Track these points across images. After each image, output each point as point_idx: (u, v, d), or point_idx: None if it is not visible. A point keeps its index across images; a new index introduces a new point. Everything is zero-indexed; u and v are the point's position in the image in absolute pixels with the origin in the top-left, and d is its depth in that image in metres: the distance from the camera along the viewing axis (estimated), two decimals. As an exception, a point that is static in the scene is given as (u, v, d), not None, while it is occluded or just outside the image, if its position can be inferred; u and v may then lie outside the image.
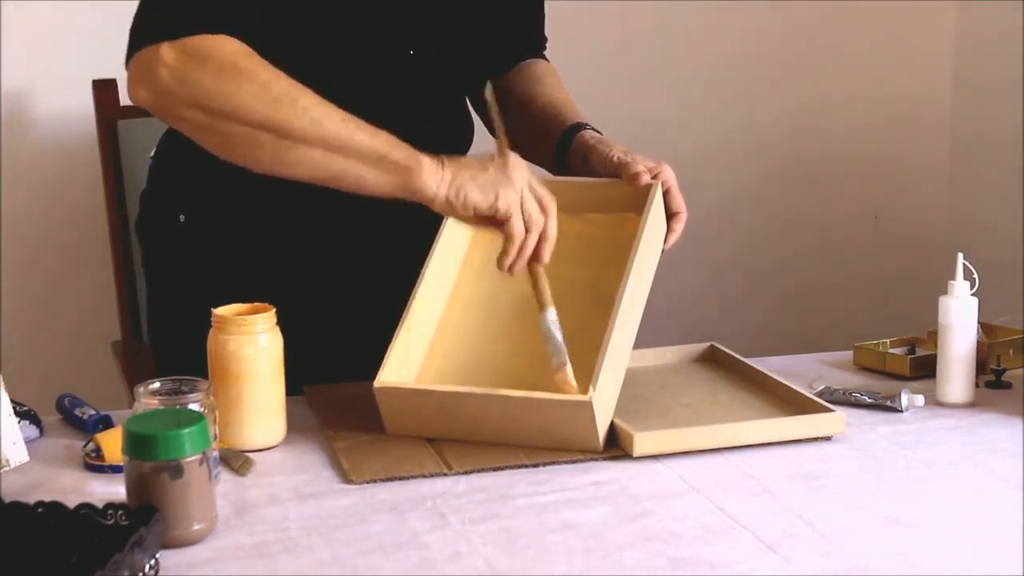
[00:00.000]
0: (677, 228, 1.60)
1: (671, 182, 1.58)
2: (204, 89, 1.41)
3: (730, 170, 2.93)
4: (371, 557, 1.17)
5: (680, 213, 1.60)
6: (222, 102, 1.42)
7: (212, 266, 1.69)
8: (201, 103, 1.42)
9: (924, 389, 1.59)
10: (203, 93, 1.42)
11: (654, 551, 1.18)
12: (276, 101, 1.41)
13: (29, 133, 2.48)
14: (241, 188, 1.65)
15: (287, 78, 1.43)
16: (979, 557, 1.17)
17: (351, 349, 1.64)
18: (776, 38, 2.91)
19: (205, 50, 1.42)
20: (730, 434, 1.41)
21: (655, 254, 1.56)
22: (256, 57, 1.44)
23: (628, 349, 1.49)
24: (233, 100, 1.41)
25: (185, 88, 1.42)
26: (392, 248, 1.71)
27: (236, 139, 1.44)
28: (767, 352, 1.76)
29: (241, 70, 1.42)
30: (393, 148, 1.43)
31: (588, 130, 1.67)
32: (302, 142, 1.42)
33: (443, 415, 1.41)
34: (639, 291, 1.50)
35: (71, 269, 2.55)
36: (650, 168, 1.57)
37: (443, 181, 1.42)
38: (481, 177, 1.42)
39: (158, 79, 1.43)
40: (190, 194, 1.70)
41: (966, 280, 1.58)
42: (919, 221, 3.04)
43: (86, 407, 1.51)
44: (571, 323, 1.50)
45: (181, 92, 1.43)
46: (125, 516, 1.13)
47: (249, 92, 1.41)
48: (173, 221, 1.71)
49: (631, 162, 1.57)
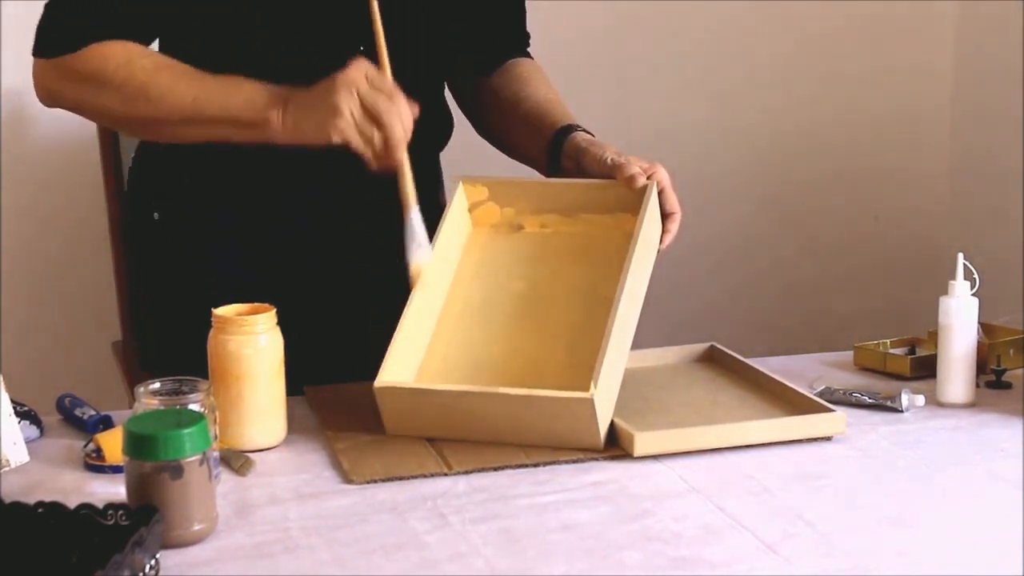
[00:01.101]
0: (672, 228, 1.60)
1: (665, 182, 1.58)
2: (74, 100, 1.65)
3: (730, 170, 2.93)
4: (371, 557, 1.17)
5: (675, 213, 1.60)
6: (90, 109, 1.67)
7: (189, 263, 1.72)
8: (77, 109, 1.68)
9: (924, 389, 1.59)
10: (74, 103, 1.66)
11: (654, 551, 1.18)
12: (131, 100, 1.59)
13: (29, 133, 2.48)
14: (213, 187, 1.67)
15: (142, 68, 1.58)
16: (979, 557, 1.17)
17: (351, 349, 1.64)
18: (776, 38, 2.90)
19: (70, 66, 1.61)
20: (730, 434, 1.41)
21: (651, 254, 1.56)
22: (115, 59, 1.59)
23: (627, 348, 1.49)
24: (98, 105, 1.63)
25: (62, 100, 1.67)
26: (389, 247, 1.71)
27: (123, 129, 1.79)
28: (767, 352, 1.76)
29: (99, 79, 1.60)
30: (243, 108, 1.55)
31: (579, 132, 1.68)
32: (166, 124, 1.60)
33: (443, 414, 1.41)
34: (636, 291, 1.50)
35: (71, 269, 2.55)
36: (644, 169, 1.57)
37: (287, 128, 1.53)
38: (315, 115, 1.50)
39: (42, 92, 1.67)
40: (163, 193, 1.74)
41: (966, 280, 1.58)
42: (919, 221, 3.04)
43: (86, 407, 1.51)
44: (569, 323, 1.51)
45: (61, 102, 1.67)
46: (125, 516, 1.13)
47: (108, 97, 1.60)
48: (148, 219, 1.75)
49: (625, 163, 1.57)
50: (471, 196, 1.64)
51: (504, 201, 1.63)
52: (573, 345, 1.48)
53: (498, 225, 1.64)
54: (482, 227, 1.64)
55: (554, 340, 1.50)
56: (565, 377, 1.43)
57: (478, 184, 1.64)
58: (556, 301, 1.54)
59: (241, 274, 1.68)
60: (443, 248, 1.57)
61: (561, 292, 1.55)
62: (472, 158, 1.84)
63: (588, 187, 1.61)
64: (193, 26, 1.64)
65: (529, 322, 1.53)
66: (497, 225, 1.64)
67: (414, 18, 1.67)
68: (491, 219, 1.64)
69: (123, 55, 1.60)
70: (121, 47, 1.60)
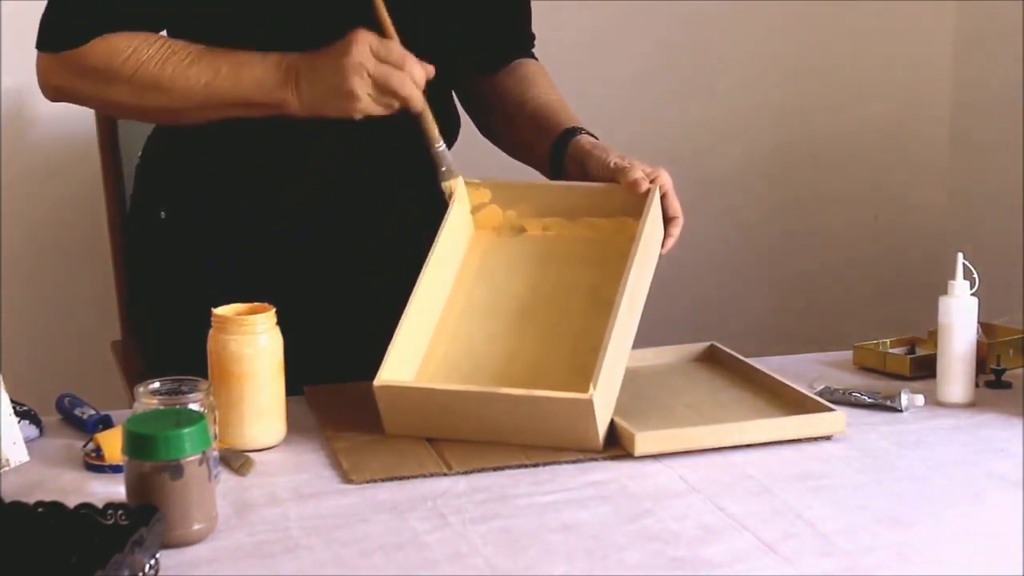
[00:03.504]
0: (674, 232, 1.60)
1: (668, 187, 1.58)
2: (84, 94, 1.65)
3: (730, 168, 2.93)
4: (371, 557, 1.17)
5: (677, 218, 1.60)
6: (101, 102, 1.70)
7: (193, 262, 1.71)
8: (86, 103, 1.70)
9: (924, 389, 1.59)
10: (84, 97, 1.67)
11: (654, 551, 1.18)
12: (142, 91, 1.59)
13: (29, 133, 2.48)
14: (221, 187, 1.67)
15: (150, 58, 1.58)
16: (979, 557, 1.18)
17: (351, 349, 1.64)
18: (776, 37, 2.90)
19: (77, 61, 1.60)
20: (730, 434, 1.41)
21: (653, 258, 1.56)
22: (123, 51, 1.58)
23: (627, 350, 1.50)
24: (109, 99, 1.64)
25: (70, 94, 1.66)
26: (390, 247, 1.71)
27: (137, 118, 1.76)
28: (767, 352, 1.76)
29: (108, 73, 1.59)
30: (255, 90, 1.57)
31: (583, 135, 1.67)
32: (181, 111, 1.61)
33: (443, 414, 1.41)
34: (638, 294, 1.51)
35: (71, 269, 2.54)
36: (647, 173, 1.57)
37: (304, 106, 1.56)
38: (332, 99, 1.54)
39: (49, 86, 1.66)
40: (171, 192, 1.73)
41: (966, 280, 1.58)
42: (919, 221, 3.04)
43: (86, 407, 1.51)
44: (571, 326, 1.51)
45: (69, 96, 1.67)
46: (125, 516, 1.13)
47: (118, 91, 1.60)
48: (155, 218, 1.74)
49: (629, 168, 1.57)
50: (473, 198, 1.64)
51: (506, 204, 1.63)
52: (574, 347, 1.48)
53: (500, 228, 1.64)
54: (484, 230, 1.64)
55: (555, 342, 1.50)
56: (565, 378, 1.43)
57: (480, 187, 1.64)
58: (557, 303, 1.54)
59: (242, 274, 1.68)
60: (444, 250, 1.57)
61: (562, 294, 1.55)
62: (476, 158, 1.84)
63: (591, 191, 1.61)
64: (194, 24, 1.63)
65: (530, 324, 1.53)
66: (499, 228, 1.64)
67: (420, 19, 1.67)
68: (493, 222, 1.64)
69: (129, 45, 1.59)
70: (127, 38, 1.60)
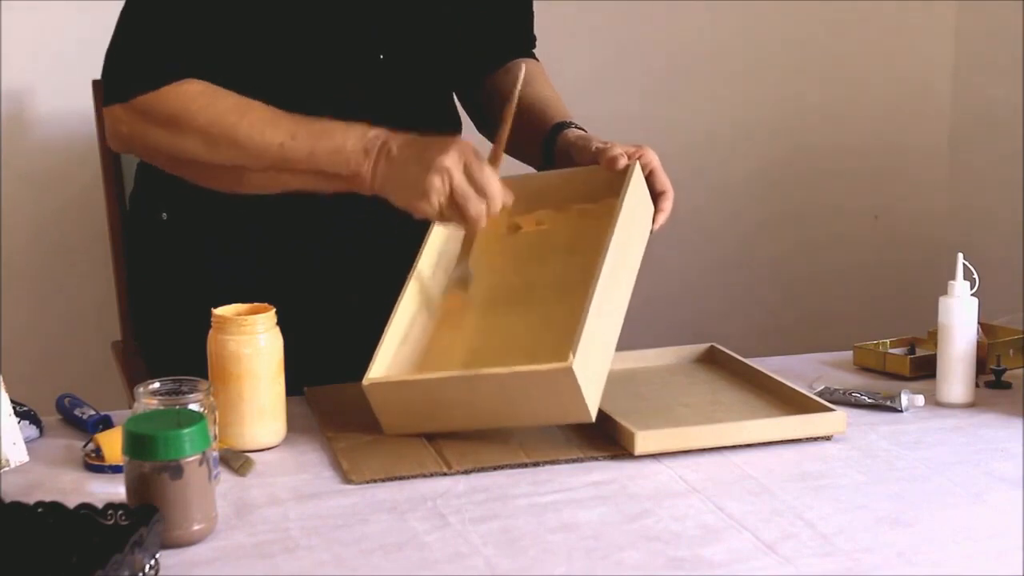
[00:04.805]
0: (665, 207, 1.60)
1: (655, 163, 1.59)
2: (155, 142, 1.59)
3: (730, 170, 2.93)
4: (371, 557, 1.17)
5: (666, 192, 1.60)
6: (171, 151, 1.59)
7: (195, 263, 1.72)
8: (156, 154, 1.62)
9: (924, 389, 1.59)
10: (155, 146, 1.60)
11: (654, 551, 1.18)
12: (215, 145, 1.55)
13: (29, 133, 2.48)
14: None
15: (227, 110, 1.54)
16: (979, 557, 1.17)
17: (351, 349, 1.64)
18: (775, 36, 2.90)
19: (150, 107, 1.57)
20: (731, 433, 1.41)
21: (642, 234, 1.55)
22: (197, 100, 1.55)
23: (616, 323, 1.48)
24: (179, 149, 1.58)
25: (140, 143, 1.62)
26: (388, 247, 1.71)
27: (196, 175, 1.62)
28: (767, 352, 1.76)
29: (182, 121, 1.56)
30: (330, 157, 1.52)
31: (572, 128, 1.68)
32: (248, 171, 1.56)
33: (433, 406, 1.41)
34: (623, 265, 1.49)
35: (71, 269, 2.54)
36: (631, 153, 1.57)
37: (376, 186, 1.52)
38: (404, 188, 1.50)
39: (119, 137, 1.62)
40: (172, 193, 1.72)
41: (966, 280, 1.58)
42: (919, 221, 3.04)
43: (86, 407, 1.51)
44: (563, 312, 1.49)
45: (138, 146, 1.63)
46: (125, 516, 1.13)
47: (191, 141, 1.56)
48: (156, 219, 1.73)
49: (608, 147, 1.58)
50: None
51: None
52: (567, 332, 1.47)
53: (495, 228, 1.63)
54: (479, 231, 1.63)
55: (548, 330, 1.49)
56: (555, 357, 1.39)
57: None
58: (551, 293, 1.54)
59: (242, 274, 1.68)
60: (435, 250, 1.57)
61: (555, 284, 1.55)
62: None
63: (573, 175, 1.62)
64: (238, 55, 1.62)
65: (524, 316, 1.53)
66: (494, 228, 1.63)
67: (423, 20, 1.67)
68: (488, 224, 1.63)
69: (205, 95, 1.56)
70: (201, 87, 1.57)
